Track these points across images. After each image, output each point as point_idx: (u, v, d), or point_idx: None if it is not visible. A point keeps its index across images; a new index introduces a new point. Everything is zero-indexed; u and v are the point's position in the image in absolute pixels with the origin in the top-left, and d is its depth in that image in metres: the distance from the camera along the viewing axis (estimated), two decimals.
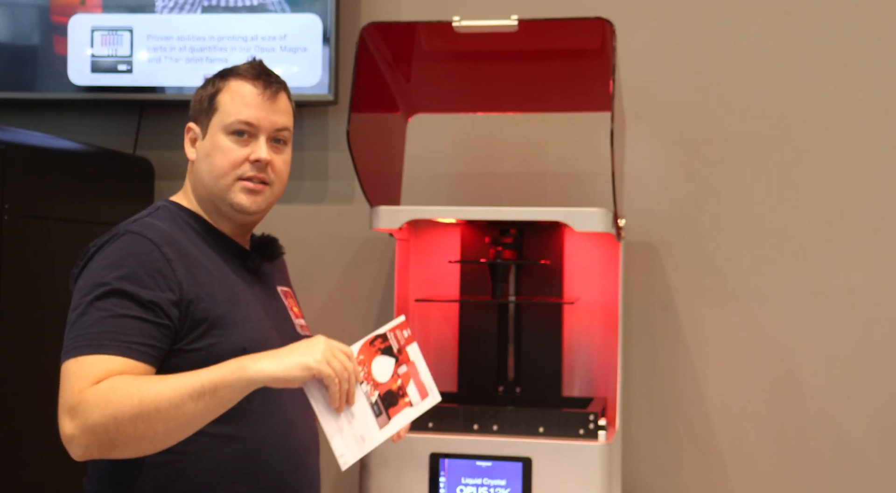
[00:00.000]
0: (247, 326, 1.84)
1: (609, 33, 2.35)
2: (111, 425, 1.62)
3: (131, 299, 1.73)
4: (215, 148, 1.91)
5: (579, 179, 2.86)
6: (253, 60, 1.99)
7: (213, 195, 1.92)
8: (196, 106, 1.96)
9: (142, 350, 1.71)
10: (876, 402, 2.74)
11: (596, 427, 2.29)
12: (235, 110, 1.91)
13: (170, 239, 1.83)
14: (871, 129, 2.76)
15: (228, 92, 1.93)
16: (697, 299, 2.81)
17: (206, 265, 1.85)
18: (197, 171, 1.94)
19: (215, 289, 1.83)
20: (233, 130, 1.90)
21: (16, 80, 3.00)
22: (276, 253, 2.04)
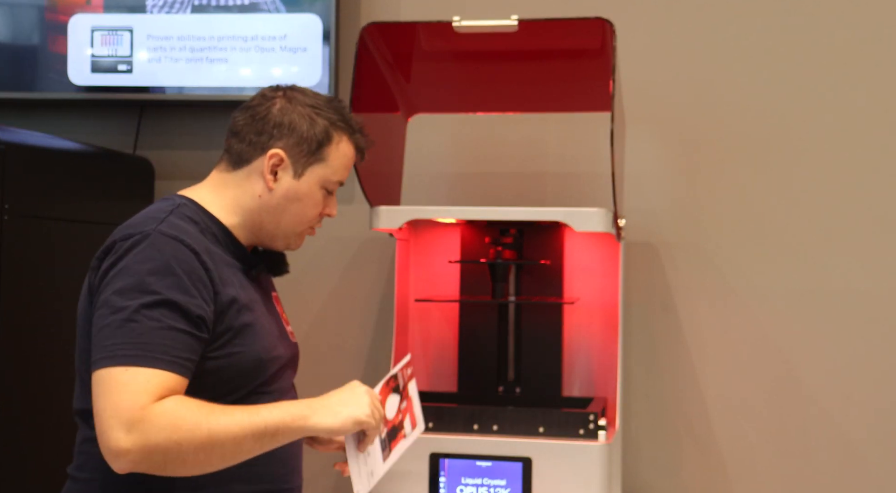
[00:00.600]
0: (264, 335, 1.85)
1: (609, 33, 2.35)
2: (173, 450, 1.63)
3: (181, 311, 1.71)
4: (310, 198, 1.90)
5: (579, 179, 2.86)
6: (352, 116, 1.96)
7: (277, 231, 1.92)
8: (296, 138, 1.90)
9: (187, 366, 1.71)
10: (876, 402, 2.74)
11: (596, 427, 2.29)
12: (341, 172, 1.93)
13: (204, 245, 1.81)
14: (871, 129, 2.76)
15: (339, 149, 1.92)
16: (697, 299, 2.81)
17: (229, 273, 1.84)
18: (273, 205, 1.90)
19: (241, 297, 1.82)
20: (329, 188, 1.92)
21: (16, 80, 3.00)
22: (283, 270, 2.03)
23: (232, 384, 1.80)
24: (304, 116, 1.90)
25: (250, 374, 1.82)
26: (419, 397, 2.02)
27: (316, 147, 1.89)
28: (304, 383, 2.94)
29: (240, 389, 1.81)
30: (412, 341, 2.73)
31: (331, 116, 1.92)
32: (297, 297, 2.96)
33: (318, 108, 1.91)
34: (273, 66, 2.87)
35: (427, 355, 2.75)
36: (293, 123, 1.89)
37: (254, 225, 1.91)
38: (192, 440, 1.63)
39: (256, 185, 1.90)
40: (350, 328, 2.95)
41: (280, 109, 1.91)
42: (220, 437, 1.65)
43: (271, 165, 1.89)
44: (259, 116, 1.92)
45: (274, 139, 1.89)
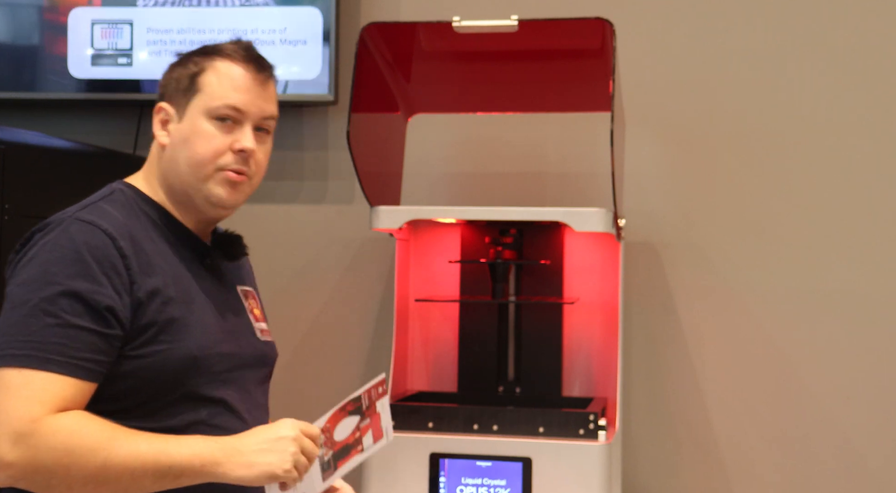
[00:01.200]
0: (199, 331, 1.68)
1: (609, 33, 2.35)
2: (60, 474, 1.50)
3: (84, 304, 1.56)
4: (196, 133, 1.73)
5: (579, 179, 2.86)
6: (239, 41, 1.81)
7: (187, 185, 1.74)
8: (171, 84, 1.77)
9: (89, 368, 1.56)
10: (876, 403, 2.74)
11: (596, 427, 2.29)
12: (223, 94, 1.73)
13: (126, 230, 1.66)
14: (871, 129, 2.76)
15: (215, 73, 1.75)
16: (697, 299, 2.81)
17: (160, 262, 1.68)
18: (170, 157, 1.75)
19: (169, 289, 1.66)
20: (218, 115, 1.73)
21: (16, 80, 3.00)
22: (240, 253, 1.86)
23: (157, 387, 1.63)
24: (181, 63, 1.78)
25: (181, 375, 1.65)
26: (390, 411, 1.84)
27: (188, 82, 1.75)
28: (305, 384, 2.95)
29: (168, 392, 1.64)
30: (412, 341, 2.73)
31: (207, 48, 1.79)
32: (298, 297, 2.96)
33: (202, 50, 1.79)
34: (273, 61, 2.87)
35: (427, 355, 2.75)
36: (171, 74, 1.78)
37: (172, 188, 1.76)
38: (83, 466, 1.50)
39: (156, 149, 1.79)
40: (350, 328, 2.95)
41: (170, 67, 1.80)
42: (117, 469, 1.51)
43: (160, 121, 1.78)
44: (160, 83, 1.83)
45: (161, 98, 1.79)
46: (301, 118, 2.97)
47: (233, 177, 1.74)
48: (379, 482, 2.31)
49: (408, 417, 2.35)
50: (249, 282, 1.94)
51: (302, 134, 2.97)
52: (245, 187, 1.77)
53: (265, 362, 1.85)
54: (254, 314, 1.86)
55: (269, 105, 1.79)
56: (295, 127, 2.97)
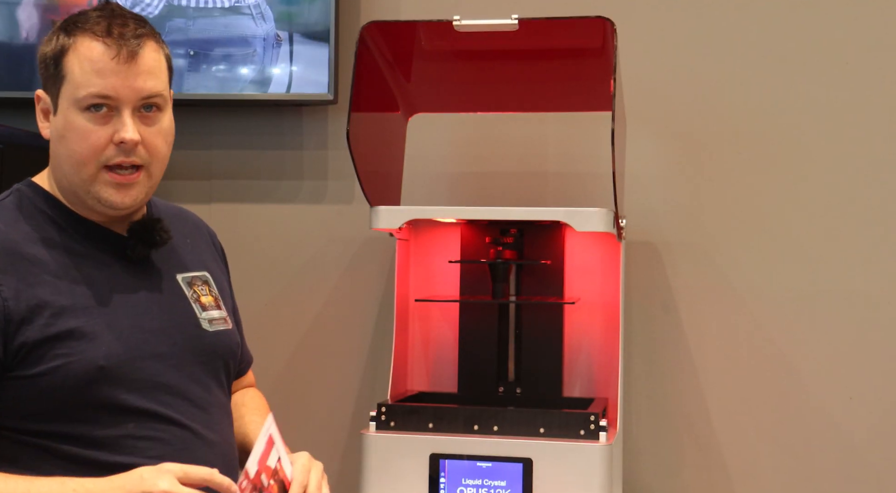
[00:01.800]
0: (108, 338, 1.53)
1: (610, 32, 2.35)
2: None
3: None
4: (70, 129, 1.54)
5: (580, 179, 2.86)
6: (106, 8, 1.56)
7: (74, 186, 1.57)
8: (41, 68, 1.57)
9: None
10: (878, 403, 2.73)
11: (597, 428, 2.28)
12: (85, 81, 1.52)
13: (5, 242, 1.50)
14: (874, 128, 2.76)
15: (76, 55, 1.53)
16: (699, 299, 2.80)
17: (53, 269, 1.52)
18: (54, 153, 1.58)
19: (62, 298, 1.51)
20: (86, 105, 1.53)
21: (15, 80, 2.99)
22: (159, 239, 1.64)
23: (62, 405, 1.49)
24: (47, 42, 1.57)
25: (85, 389, 1.50)
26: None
27: (54, 67, 1.54)
28: (305, 384, 2.95)
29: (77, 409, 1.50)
30: (412, 341, 2.73)
31: (73, 22, 1.55)
32: (298, 297, 2.95)
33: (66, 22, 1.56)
34: (272, 65, 2.86)
35: (427, 355, 2.74)
36: (40, 55, 1.57)
37: (65, 187, 1.59)
38: None
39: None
40: (350, 328, 2.94)
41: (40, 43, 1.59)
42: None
43: (40, 112, 1.59)
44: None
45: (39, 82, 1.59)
46: (300, 118, 2.96)
47: (117, 178, 1.57)
48: (379, 482, 2.30)
49: (408, 417, 2.34)
50: (199, 266, 1.75)
51: (301, 134, 2.97)
52: (141, 184, 1.59)
53: (216, 354, 1.70)
54: (201, 303, 1.70)
55: (147, 82, 1.56)
56: (295, 127, 2.96)
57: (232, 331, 1.75)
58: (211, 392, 1.68)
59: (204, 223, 1.88)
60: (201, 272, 1.75)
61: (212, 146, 2.99)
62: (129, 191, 1.57)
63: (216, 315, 1.71)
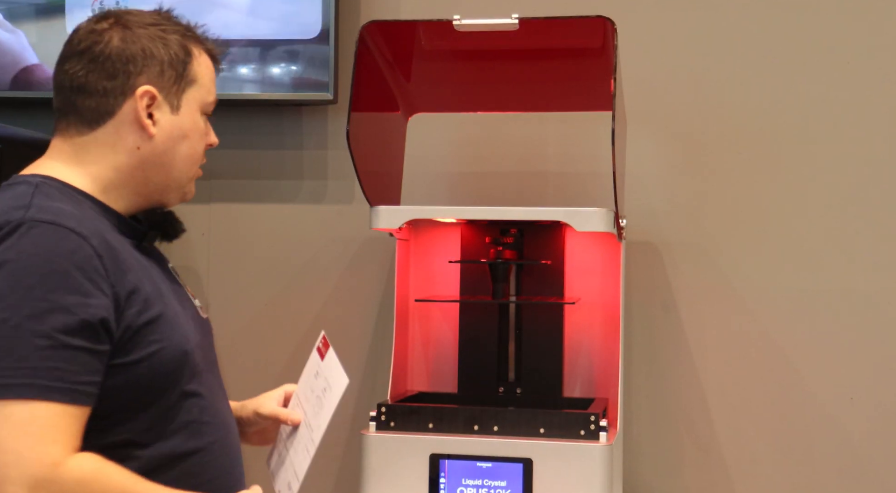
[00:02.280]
0: (178, 322, 1.56)
1: (610, 32, 2.34)
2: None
3: (75, 319, 1.39)
4: (195, 130, 1.61)
5: (580, 179, 2.86)
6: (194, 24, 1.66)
7: (171, 180, 1.61)
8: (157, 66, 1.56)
9: (88, 392, 1.42)
10: (879, 403, 2.73)
11: (597, 428, 2.28)
12: (212, 88, 1.64)
13: (91, 228, 1.47)
14: (874, 128, 2.76)
15: (200, 63, 1.62)
16: (699, 299, 2.80)
17: (125, 255, 1.52)
18: (160, 150, 1.58)
19: (144, 284, 1.52)
20: (209, 111, 1.64)
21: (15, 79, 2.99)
22: (179, 230, 1.69)
23: (156, 391, 1.51)
24: (153, 38, 1.57)
25: (176, 373, 1.54)
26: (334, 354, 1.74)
27: (182, 69, 1.59)
28: None
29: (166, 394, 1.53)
30: (412, 341, 2.73)
31: (178, 29, 1.62)
32: (298, 297, 2.95)
33: (160, 24, 1.60)
34: (272, 65, 2.86)
35: (427, 355, 2.74)
36: (146, 50, 1.56)
37: (137, 185, 1.58)
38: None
39: (129, 137, 1.56)
40: (350, 328, 2.94)
41: (121, 39, 1.56)
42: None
43: (146, 107, 1.57)
44: (101, 57, 1.55)
45: (133, 76, 1.55)
46: (300, 118, 2.96)
47: (200, 173, 1.69)
48: (379, 482, 2.30)
49: (408, 417, 2.34)
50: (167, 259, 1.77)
51: (301, 134, 2.96)
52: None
53: (212, 341, 1.73)
54: (189, 291, 1.73)
55: None
56: (294, 127, 2.96)
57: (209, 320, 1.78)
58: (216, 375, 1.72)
59: None
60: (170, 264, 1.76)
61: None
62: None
63: (199, 304, 1.75)
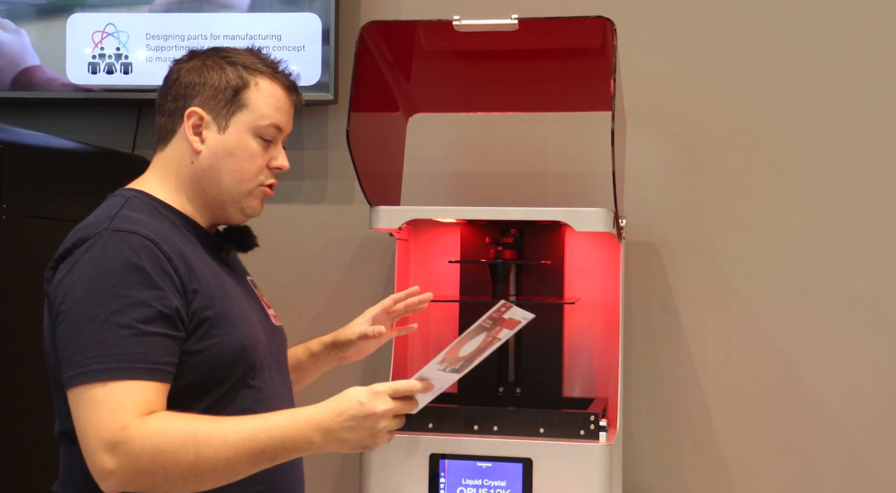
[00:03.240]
0: (242, 321, 1.76)
1: (610, 32, 2.34)
2: (160, 473, 1.56)
3: (153, 311, 1.62)
4: (243, 149, 1.80)
5: (580, 179, 2.86)
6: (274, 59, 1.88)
7: (225, 195, 1.81)
8: (206, 91, 1.80)
9: (168, 371, 1.63)
10: (879, 403, 2.73)
11: (597, 428, 2.28)
12: (270, 114, 1.82)
13: (162, 234, 1.71)
14: (874, 128, 2.76)
15: (260, 92, 1.81)
16: (699, 299, 2.80)
17: (196, 260, 1.74)
18: (207, 165, 1.80)
19: (210, 285, 1.73)
20: (265, 134, 1.81)
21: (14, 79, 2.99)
22: (252, 243, 1.91)
23: (216, 378, 1.71)
24: (213, 68, 1.81)
25: (234, 364, 1.73)
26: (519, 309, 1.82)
27: (232, 94, 1.79)
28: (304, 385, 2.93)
29: (224, 382, 1.72)
30: (412, 341, 2.73)
31: (244, 61, 1.82)
32: (298, 297, 2.95)
33: (229, 57, 1.82)
34: None
35: (427, 355, 2.74)
36: (203, 78, 1.80)
37: (199, 197, 1.81)
38: (178, 463, 1.56)
39: (186, 152, 1.81)
40: None
41: (189, 68, 1.82)
42: (210, 461, 1.58)
43: (192, 126, 1.80)
44: (171, 83, 1.83)
45: (189, 100, 1.80)
46: (301, 118, 2.96)
47: (268, 192, 1.86)
48: (379, 482, 2.30)
49: (407, 417, 2.33)
50: (247, 271, 2.00)
51: (301, 134, 2.97)
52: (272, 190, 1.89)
53: (283, 346, 1.94)
54: (264, 301, 1.94)
55: (291, 122, 1.90)
56: (294, 127, 2.94)
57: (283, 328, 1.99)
58: (283, 376, 1.90)
59: None
60: (250, 277, 1.99)
61: None
62: (263, 201, 1.86)
63: (273, 313, 1.96)
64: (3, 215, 2.37)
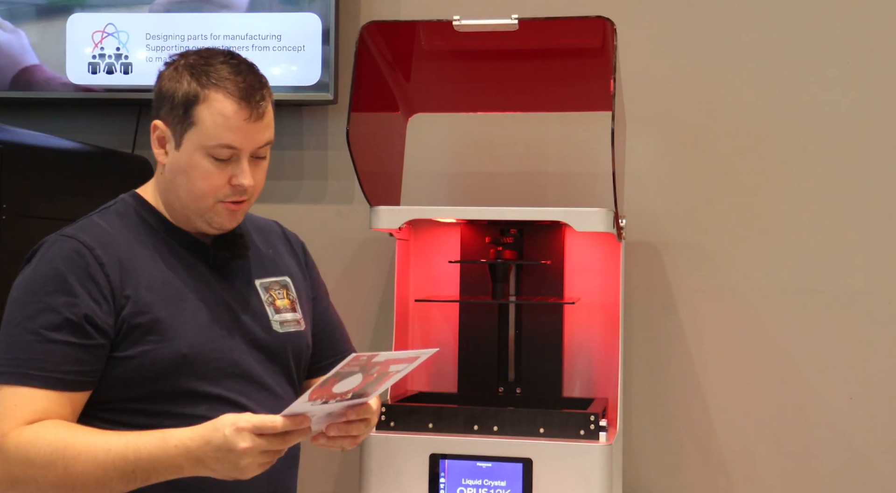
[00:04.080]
0: (190, 329, 1.71)
1: (610, 32, 2.34)
2: (31, 484, 1.58)
3: (60, 318, 1.63)
4: (194, 168, 1.72)
5: (580, 179, 2.86)
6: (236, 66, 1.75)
7: (186, 209, 1.77)
8: (165, 104, 1.74)
9: (70, 379, 1.63)
10: (878, 402, 2.73)
11: (597, 428, 2.28)
12: (217, 134, 1.70)
13: (106, 240, 1.71)
14: (874, 128, 2.76)
15: (209, 108, 1.71)
16: (698, 299, 2.80)
17: (149, 265, 1.72)
18: (168, 179, 1.77)
19: (152, 291, 1.70)
20: (214, 155, 1.72)
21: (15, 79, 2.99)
22: (240, 252, 1.83)
23: (150, 384, 1.68)
24: (175, 79, 1.74)
25: (171, 372, 1.68)
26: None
27: (183, 111, 1.71)
28: None
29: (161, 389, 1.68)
30: (412, 341, 2.73)
31: (204, 72, 1.72)
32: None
33: (194, 67, 1.73)
34: (272, 66, 2.86)
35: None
36: (166, 89, 1.74)
37: (173, 205, 1.78)
38: (47, 476, 1.57)
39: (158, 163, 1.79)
40: (350, 328, 2.91)
41: (163, 76, 1.76)
42: (80, 478, 1.57)
43: (156, 139, 1.76)
44: (153, 89, 1.79)
45: (156, 110, 1.76)
46: (301, 118, 2.96)
47: (231, 208, 1.76)
48: (379, 482, 2.30)
49: (408, 417, 2.34)
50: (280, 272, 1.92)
51: (302, 134, 2.97)
52: (244, 208, 1.80)
53: (285, 352, 1.84)
54: (275, 306, 1.86)
55: (264, 134, 1.77)
56: (295, 127, 2.96)
57: (304, 332, 1.90)
58: (282, 386, 1.83)
59: (292, 234, 2.06)
60: (281, 277, 1.91)
61: None
62: (236, 216, 1.78)
63: (289, 318, 1.87)
64: (3, 215, 2.36)
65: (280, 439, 1.58)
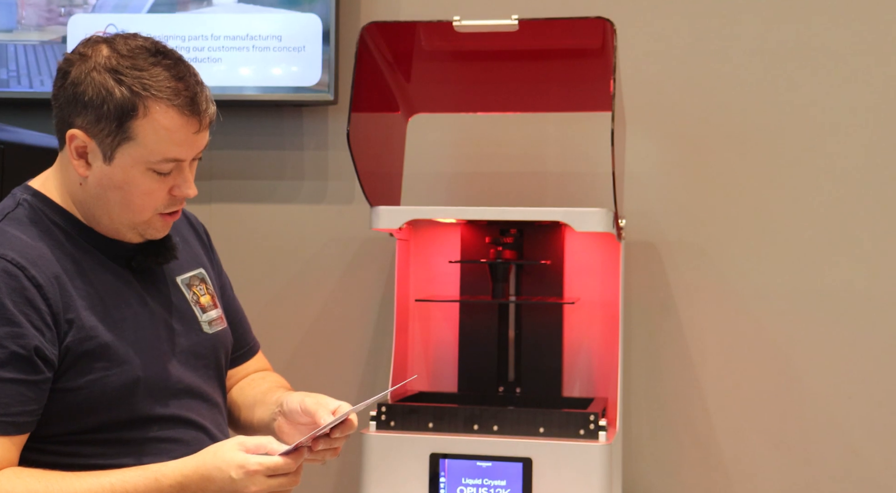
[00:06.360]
0: (139, 350, 1.58)
1: (610, 33, 2.35)
2: None
3: (6, 352, 1.43)
4: (133, 184, 1.55)
5: (579, 179, 2.86)
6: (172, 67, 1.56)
7: (117, 223, 1.60)
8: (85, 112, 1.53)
9: (21, 422, 1.46)
10: (878, 402, 2.73)
11: (596, 428, 2.28)
12: (161, 149, 1.55)
13: (35, 255, 1.51)
14: (874, 128, 2.76)
15: (151, 123, 1.53)
16: (698, 299, 2.80)
17: (80, 282, 1.55)
18: (96, 193, 1.58)
19: (95, 311, 1.55)
20: (159, 169, 1.56)
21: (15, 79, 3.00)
22: (169, 257, 1.69)
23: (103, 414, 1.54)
24: (99, 86, 1.52)
25: (124, 399, 1.56)
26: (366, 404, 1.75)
27: (117, 125, 1.52)
28: (306, 384, 2.94)
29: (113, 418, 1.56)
30: (412, 341, 2.73)
31: (136, 78, 1.53)
32: (297, 297, 2.96)
33: (120, 71, 1.52)
34: (272, 66, 2.87)
35: (427, 355, 2.74)
36: (86, 96, 1.52)
37: (91, 216, 1.60)
38: None
39: (74, 171, 1.58)
40: (350, 328, 2.94)
41: (76, 74, 1.54)
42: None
43: (75, 149, 1.55)
44: (58, 83, 1.56)
45: (72, 116, 1.55)
46: (301, 118, 2.97)
47: (168, 219, 1.64)
48: (379, 481, 2.31)
49: (408, 417, 2.34)
50: (194, 264, 1.79)
51: (302, 134, 2.97)
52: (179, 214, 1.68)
53: (216, 354, 1.75)
54: (201, 304, 1.74)
55: (206, 137, 1.64)
56: (295, 127, 2.97)
57: (227, 329, 1.80)
58: (216, 392, 1.75)
59: (193, 216, 1.89)
60: (197, 270, 1.78)
61: (212, 146, 2.94)
62: (170, 224, 1.65)
63: (214, 315, 1.76)
64: None
65: (290, 478, 1.52)
